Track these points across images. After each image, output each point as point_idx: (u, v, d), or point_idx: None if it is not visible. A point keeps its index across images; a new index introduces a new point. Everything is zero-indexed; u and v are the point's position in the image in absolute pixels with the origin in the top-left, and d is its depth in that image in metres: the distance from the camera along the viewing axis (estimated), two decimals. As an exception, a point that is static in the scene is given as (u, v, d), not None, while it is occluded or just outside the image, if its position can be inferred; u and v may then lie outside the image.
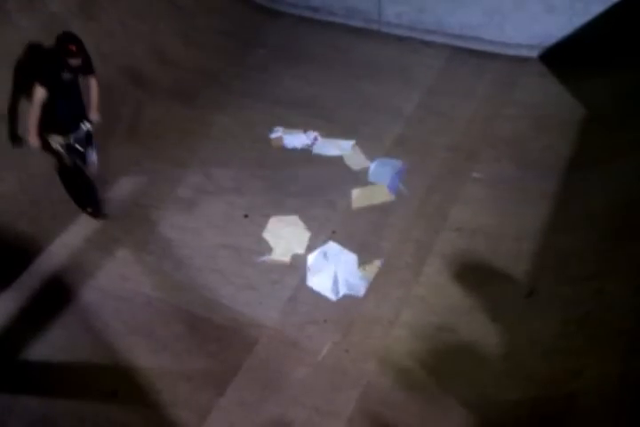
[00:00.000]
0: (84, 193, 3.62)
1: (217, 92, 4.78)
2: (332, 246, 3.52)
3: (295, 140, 4.28)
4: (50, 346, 3.09)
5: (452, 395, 2.70)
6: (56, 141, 3.29)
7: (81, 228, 3.68)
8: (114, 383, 2.94)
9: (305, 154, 4.19)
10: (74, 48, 2.95)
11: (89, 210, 3.69)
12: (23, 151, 3.76)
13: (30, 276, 3.41)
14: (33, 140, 3.18)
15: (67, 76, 3.12)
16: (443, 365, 2.86)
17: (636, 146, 3.43)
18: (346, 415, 2.73)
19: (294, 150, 4.21)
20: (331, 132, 4.30)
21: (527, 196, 3.60)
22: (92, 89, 3.34)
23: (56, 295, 3.33)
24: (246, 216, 3.73)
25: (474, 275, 3.24)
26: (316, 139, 4.29)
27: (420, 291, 3.21)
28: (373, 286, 3.28)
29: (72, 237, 3.62)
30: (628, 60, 4.08)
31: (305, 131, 4.34)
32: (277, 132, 4.34)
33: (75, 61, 3.00)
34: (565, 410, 2.43)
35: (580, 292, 2.80)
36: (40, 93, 3.03)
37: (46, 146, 3.32)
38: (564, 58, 4.57)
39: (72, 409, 2.86)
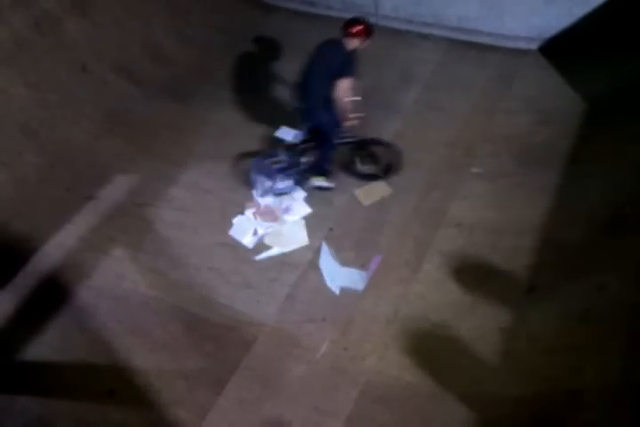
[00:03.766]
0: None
1: (212, 89, 4.74)
2: (329, 245, 3.49)
3: (292, 137, 4.23)
4: (46, 346, 3.07)
5: (451, 392, 2.68)
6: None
7: (76, 227, 3.65)
8: (111, 383, 2.92)
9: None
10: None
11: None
12: (16, 150, 3.74)
13: (26, 276, 3.39)
14: (353, 122, 3.32)
15: None
16: (442, 362, 2.83)
17: (637, 139, 3.38)
18: (345, 414, 2.71)
19: (291, 147, 4.17)
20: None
21: (527, 191, 3.56)
22: None
23: (52, 295, 3.31)
24: (243, 214, 3.70)
25: (473, 271, 3.20)
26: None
27: (419, 288, 3.18)
28: (372, 284, 3.25)
29: (67, 237, 3.59)
30: (628, 51, 4.01)
31: (302, 128, 4.29)
32: (274, 129, 4.29)
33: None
34: (566, 407, 2.40)
35: (581, 287, 2.77)
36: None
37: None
38: (564, 50, 4.51)
39: (69, 409, 2.85)
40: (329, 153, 3.66)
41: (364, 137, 3.75)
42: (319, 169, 3.75)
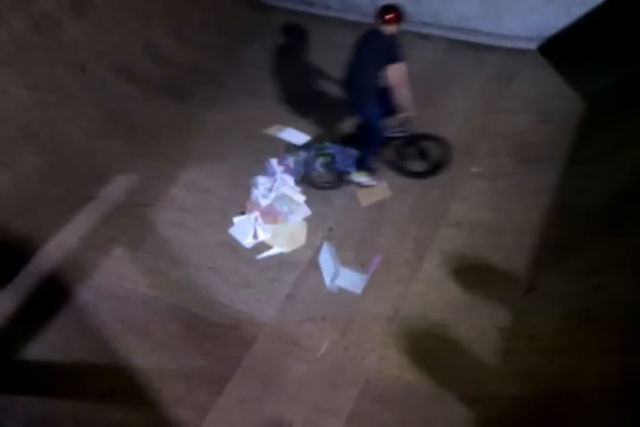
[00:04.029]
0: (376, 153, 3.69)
1: (211, 90, 4.74)
2: (329, 244, 3.50)
3: (291, 136, 4.24)
4: (47, 346, 3.08)
5: (451, 391, 2.68)
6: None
7: (76, 227, 3.66)
8: (112, 383, 2.93)
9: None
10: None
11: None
12: (16, 150, 3.75)
13: (26, 276, 3.39)
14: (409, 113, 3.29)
15: None
16: (442, 361, 2.84)
17: (636, 139, 3.38)
18: (345, 413, 2.72)
19: (291, 147, 4.18)
20: (328, 128, 4.25)
21: (526, 190, 3.57)
22: None
23: (52, 295, 3.32)
24: (242, 213, 3.71)
25: (473, 271, 3.21)
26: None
27: (418, 287, 3.19)
28: (372, 283, 3.25)
29: (68, 237, 3.60)
30: (627, 51, 4.02)
31: (302, 127, 4.29)
32: (274, 129, 4.30)
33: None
34: (566, 406, 2.41)
35: (580, 287, 2.78)
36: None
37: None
38: (563, 49, 4.51)
39: (70, 409, 2.86)
40: (375, 148, 3.59)
41: (414, 132, 3.62)
42: (363, 165, 3.69)
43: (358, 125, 3.66)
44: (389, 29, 3.05)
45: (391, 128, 3.52)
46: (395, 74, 3.04)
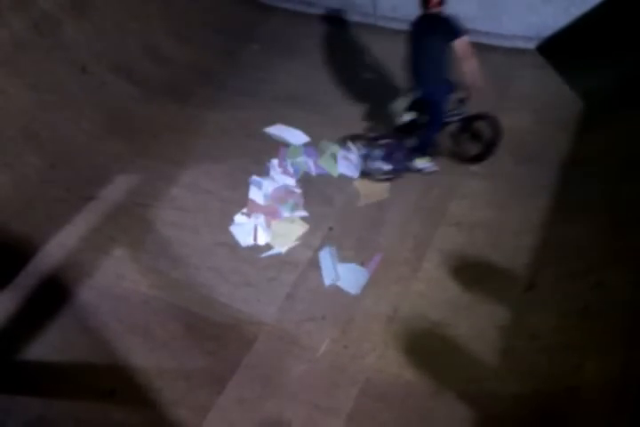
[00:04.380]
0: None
1: (211, 90, 4.75)
2: (329, 244, 3.50)
3: (291, 136, 4.24)
4: (47, 346, 3.09)
5: (451, 390, 2.69)
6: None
7: (77, 227, 3.66)
8: (112, 383, 2.93)
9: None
10: None
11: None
12: (16, 151, 3.76)
13: (27, 276, 3.40)
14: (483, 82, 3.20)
15: None
16: (442, 360, 2.85)
17: (634, 138, 3.39)
18: (345, 412, 2.72)
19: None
20: (328, 128, 4.26)
21: (526, 189, 3.58)
22: None
23: (53, 295, 3.32)
24: (243, 214, 3.71)
25: (473, 269, 3.22)
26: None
27: (418, 286, 3.19)
28: (372, 282, 3.26)
29: (68, 237, 3.60)
30: (626, 51, 4.02)
31: (301, 127, 4.30)
32: (273, 129, 4.31)
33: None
34: (566, 404, 2.42)
35: (580, 285, 2.78)
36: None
37: None
38: (561, 49, 4.52)
39: (70, 409, 2.86)
40: (437, 132, 3.61)
41: (469, 113, 3.57)
42: (423, 150, 3.70)
43: (419, 111, 3.59)
44: (436, 10, 3.06)
45: (448, 111, 3.50)
46: (462, 47, 3.04)
